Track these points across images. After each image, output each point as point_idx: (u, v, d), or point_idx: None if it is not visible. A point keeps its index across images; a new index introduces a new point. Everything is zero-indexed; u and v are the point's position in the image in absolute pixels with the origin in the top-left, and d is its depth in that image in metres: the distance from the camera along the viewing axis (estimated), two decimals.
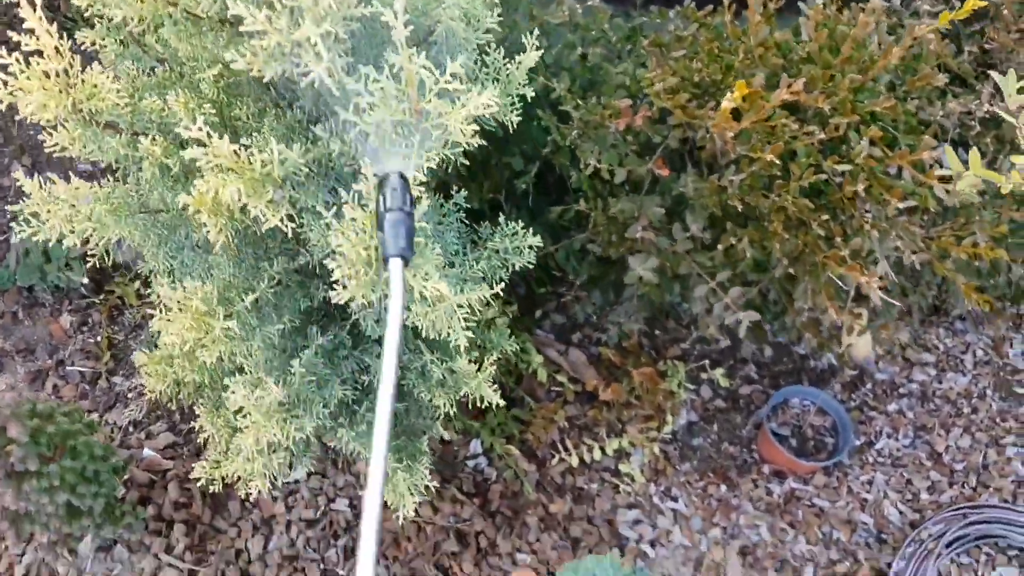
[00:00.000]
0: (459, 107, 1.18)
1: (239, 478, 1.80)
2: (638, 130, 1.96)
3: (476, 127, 1.45)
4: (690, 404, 2.68)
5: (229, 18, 1.28)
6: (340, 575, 2.27)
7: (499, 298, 2.63)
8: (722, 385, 2.67)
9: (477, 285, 1.47)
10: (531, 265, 1.71)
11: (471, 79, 1.46)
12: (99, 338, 2.64)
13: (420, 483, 1.88)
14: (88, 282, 2.68)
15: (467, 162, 2.37)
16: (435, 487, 2.44)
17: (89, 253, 1.53)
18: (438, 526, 2.37)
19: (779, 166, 1.85)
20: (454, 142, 1.25)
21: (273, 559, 2.28)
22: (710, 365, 2.72)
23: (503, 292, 2.75)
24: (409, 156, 1.13)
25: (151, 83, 1.46)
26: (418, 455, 1.92)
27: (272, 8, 1.08)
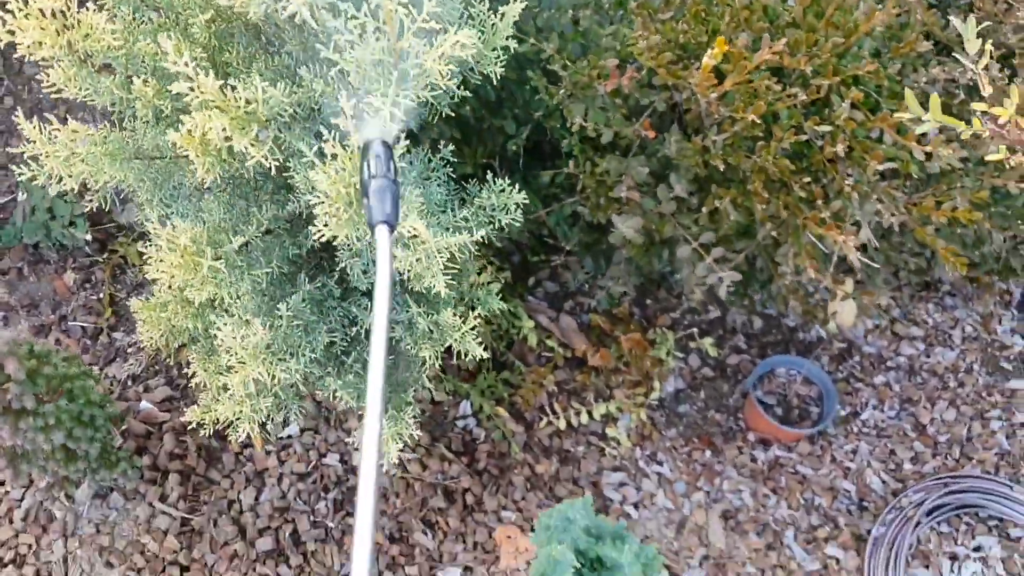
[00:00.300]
0: (436, 47, 1.23)
1: (230, 423, 1.86)
2: (627, 93, 2.00)
3: (460, 77, 1.50)
4: (678, 372, 2.72)
5: None
6: (329, 526, 2.32)
7: (492, 264, 2.68)
8: (711, 354, 2.71)
9: (460, 233, 1.52)
10: (517, 223, 1.75)
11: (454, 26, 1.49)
12: (101, 295, 2.70)
13: (404, 432, 1.93)
14: (92, 240, 2.74)
15: (459, 133, 2.41)
16: (425, 447, 2.50)
17: (88, 198, 1.59)
18: (426, 483, 2.42)
19: (761, 127, 1.89)
20: (433, 85, 1.30)
21: (264, 510, 2.34)
22: (699, 334, 2.76)
23: (497, 259, 2.80)
24: (386, 104, 1.15)
25: (146, 29, 1.51)
26: (403, 406, 1.97)
27: None
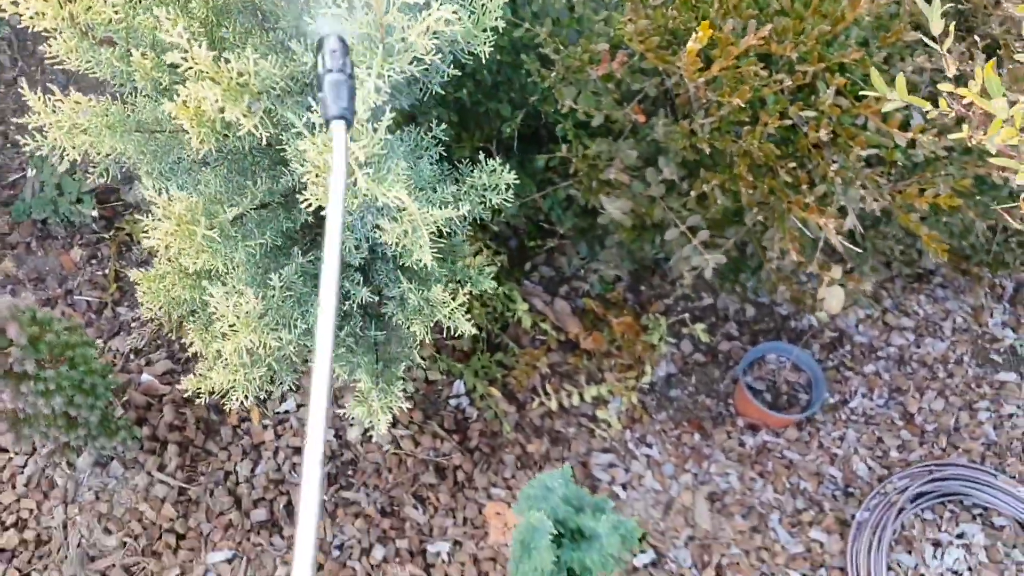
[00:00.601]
0: (421, 21, 1.27)
1: (225, 393, 1.91)
2: (618, 78, 2.04)
3: (450, 56, 1.55)
4: (670, 357, 2.76)
5: None
6: (322, 499, 2.38)
7: (489, 248, 2.73)
8: (702, 340, 2.75)
9: (447, 208, 1.57)
10: (508, 203, 1.79)
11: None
12: (107, 271, 2.76)
13: (394, 404, 1.98)
14: (99, 218, 2.81)
15: (457, 117, 2.44)
16: (418, 424, 2.55)
17: (92, 172, 1.65)
18: (418, 459, 2.47)
19: (748, 112, 1.92)
20: (419, 59, 1.35)
21: (260, 482, 2.39)
22: (691, 320, 2.79)
23: (494, 243, 2.84)
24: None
25: (146, 3, 1.56)
26: (393, 380, 2.02)
27: None
